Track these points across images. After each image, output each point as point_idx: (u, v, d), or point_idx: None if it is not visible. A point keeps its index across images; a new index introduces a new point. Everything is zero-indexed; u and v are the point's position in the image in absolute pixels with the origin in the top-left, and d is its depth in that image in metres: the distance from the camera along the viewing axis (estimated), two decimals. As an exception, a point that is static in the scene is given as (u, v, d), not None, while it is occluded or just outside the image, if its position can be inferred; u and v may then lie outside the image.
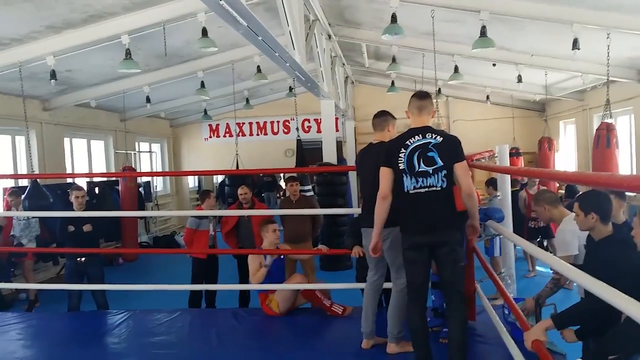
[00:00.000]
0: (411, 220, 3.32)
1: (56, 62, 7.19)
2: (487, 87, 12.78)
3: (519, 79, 10.00)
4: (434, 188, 3.24)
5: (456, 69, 9.51)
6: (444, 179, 3.25)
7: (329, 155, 9.48)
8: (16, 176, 9.06)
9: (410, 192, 3.28)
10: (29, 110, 8.24)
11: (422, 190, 3.25)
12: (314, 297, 4.73)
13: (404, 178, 3.29)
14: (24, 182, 8.85)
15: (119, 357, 3.97)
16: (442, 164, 3.24)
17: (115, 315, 4.95)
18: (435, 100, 10.44)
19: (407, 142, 3.33)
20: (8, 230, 7.79)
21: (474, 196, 3.35)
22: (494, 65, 10.08)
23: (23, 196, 7.50)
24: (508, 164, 4.65)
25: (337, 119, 11.89)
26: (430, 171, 3.24)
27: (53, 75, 7.26)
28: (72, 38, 6.90)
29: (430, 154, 3.25)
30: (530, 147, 13.83)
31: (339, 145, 11.66)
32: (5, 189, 8.75)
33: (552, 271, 3.60)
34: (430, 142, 3.28)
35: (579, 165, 11.95)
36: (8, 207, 7.86)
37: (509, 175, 4.91)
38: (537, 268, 8.43)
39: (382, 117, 3.87)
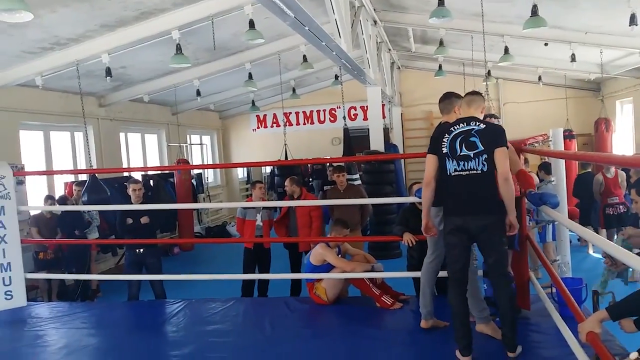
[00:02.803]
0: (452, 202, 3.46)
1: (111, 60, 7.42)
2: (539, 68, 12.36)
3: (573, 58, 9.61)
4: (475, 171, 3.35)
5: (506, 50, 9.25)
6: (485, 163, 3.35)
7: (376, 142, 9.44)
8: (76, 171, 9.46)
9: (452, 174, 3.41)
10: (86, 107, 8.56)
11: (463, 173, 3.37)
12: (363, 285, 4.76)
13: (447, 161, 3.43)
14: (83, 177, 9.23)
15: (178, 345, 4.12)
16: (482, 148, 3.35)
17: (172, 304, 5.13)
18: (485, 83, 10.36)
19: (452, 128, 3.48)
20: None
21: (509, 181, 3.35)
22: (545, 44, 9.75)
23: (82, 189, 7.84)
24: (562, 148, 4.52)
25: (383, 105, 11.79)
26: (472, 155, 3.36)
27: (108, 72, 7.51)
28: (125, 35, 7.11)
29: (472, 139, 3.38)
30: (585, 129, 13.34)
31: (386, 132, 11.57)
32: (65, 184, 9.17)
33: (603, 257, 3.51)
34: (473, 129, 3.42)
35: (637, 146, 11.44)
36: (72, 195, 8.25)
37: (564, 160, 4.77)
38: (592, 253, 8.28)
39: (447, 99, 3.87)
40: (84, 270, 7.46)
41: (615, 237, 7.87)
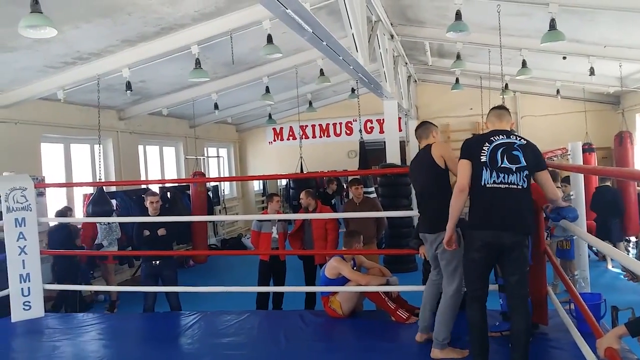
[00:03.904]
0: (485, 215, 3.30)
1: (131, 74, 7.56)
2: (557, 81, 12.28)
3: (592, 72, 9.54)
4: (514, 186, 3.25)
5: (524, 64, 9.21)
6: (525, 179, 3.27)
7: (393, 155, 9.43)
8: (96, 184, 9.55)
9: (488, 185, 3.28)
10: (106, 120, 8.68)
11: (502, 186, 3.26)
12: (378, 299, 4.73)
13: (484, 171, 3.29)
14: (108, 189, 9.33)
15: (193, 357, 4.14)
16: (525, 164, 3.27)
17: (187, 316, 5.14)
18: (502, 96, 10.30)
19: (492, 138, 3.37)
20: (87, 234, 8.27)
21: (559, 197, 3.48)
22: (564, 58, 9.68)
23: (87, 202, 7.89)
24: (581, 162, 4.48)
25: (400, 118, 11.79)
26: (514, 169, 3.26)
27: (128, 86, 7.64)
28: (145, 50, 7.24)
29: (515, 152, 3.28)
30: (604, 142, 13.16)
31: (402, 146, 11.56)
32: (84, 196, 9.30)
33: (624, 272, 3.48)
34: (515, 143, 3.33)
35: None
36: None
37: (582, 175, 4.72)
38: (611, 268, 8.14)
39: (424, 126, 3.98)
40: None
41: None
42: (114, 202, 8.84)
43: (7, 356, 4.44)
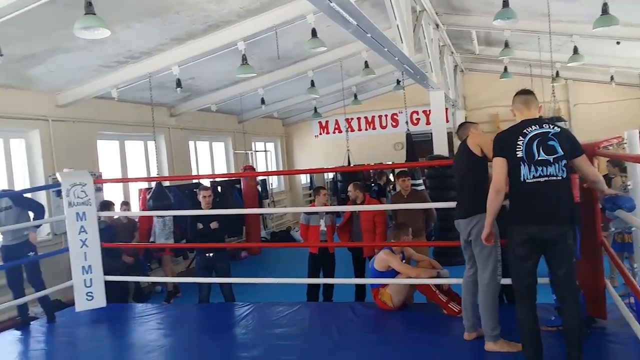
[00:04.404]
0: (528, 211, 3.22)
1: (180, 71, 7.76)
2: (611, 67, 11.81)
3: (648, 56, 9.17)
4: (554, 178, 3.16)
5: (575, 50, 8.93)
6: (564, 169, 3.18)
7: (440, 147, 9.32)
8: (150, 179, 9.87)
9: (528, 181, 3.20)
10: (158, 117, 8.91)
11: (542, 179, 3.17)
12: (429, 291, 4.73)
13: (522, 166, 3.21)
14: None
15: (247, 347, 4.25)
16: (562, 153, 3.17)
17: (241, 307, 5.29)
18: (552, 85, 10.02)
19: (525, 130, 3.26)
20: (144, 227, 8.57)
21: (601, 180, 3.40)
22: (618, 43, 9.33)
23: (148, 196, 8.17)
24: (639, 151, 4.33)
25: (446, 109, 11.63)
26: (551, 160, 3.16)
27: (178, 83, 7.85)
28: (194, 48, 7.43)
29: (550, 142, 3.18)
30: (664, 130, 12.61)
31: (450, 137, 11.39)
32: (140, 190, 9.62)
33: None
34: (549, 132, 3.22)
35: None
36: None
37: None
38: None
39: (463, 126, 4.07)
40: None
41: None
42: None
43: (73, 343, 4.70)
